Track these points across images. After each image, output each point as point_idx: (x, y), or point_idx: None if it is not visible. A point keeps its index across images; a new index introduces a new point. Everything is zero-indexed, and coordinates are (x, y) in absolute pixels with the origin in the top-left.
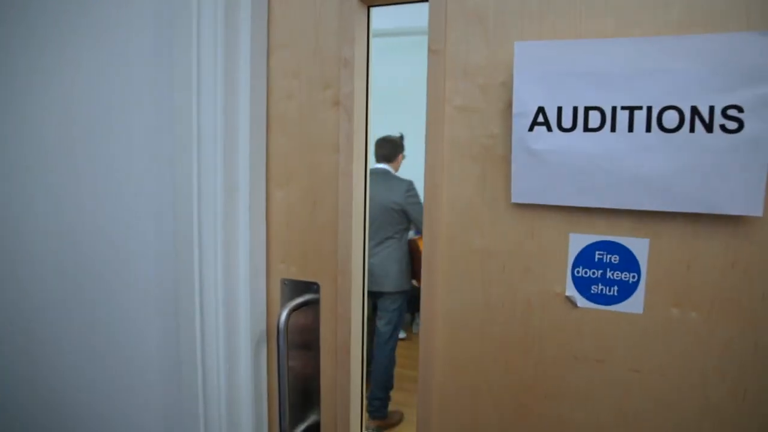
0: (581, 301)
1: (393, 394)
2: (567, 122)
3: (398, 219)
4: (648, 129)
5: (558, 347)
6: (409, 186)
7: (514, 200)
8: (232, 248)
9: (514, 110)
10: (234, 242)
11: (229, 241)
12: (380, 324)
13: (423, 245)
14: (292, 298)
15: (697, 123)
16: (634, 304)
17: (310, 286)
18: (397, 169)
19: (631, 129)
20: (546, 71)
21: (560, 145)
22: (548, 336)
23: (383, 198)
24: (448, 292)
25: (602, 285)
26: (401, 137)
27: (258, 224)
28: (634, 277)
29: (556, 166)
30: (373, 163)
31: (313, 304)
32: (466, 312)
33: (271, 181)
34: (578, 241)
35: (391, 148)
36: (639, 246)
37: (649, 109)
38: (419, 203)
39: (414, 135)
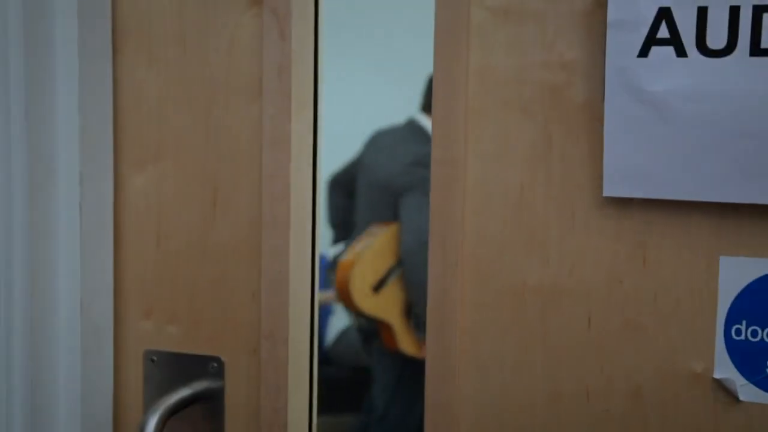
0: (746, 391)
1: None
2: (718, 37)
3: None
4: None
5: None
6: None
7: (607, 193)
8: (38, 289)
9: (610, 15)
10: (43, 277)
11: (34, 276)
12: (375, 393)
13: (429, 277)
14: (168, 390)
15: None
16: None
17: (206, 365)
18: None
19: None
20: None
21: (704, 86)
22: None
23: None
24: (474, 372)
25: None
26: None
27: (94, 240)
28: None
29: (695, 127)
30: (412, 114)
31: (210, 402)
32: (513, 414)
33: (123, 155)
34: (739, 272)
35: None
36: None
37: None
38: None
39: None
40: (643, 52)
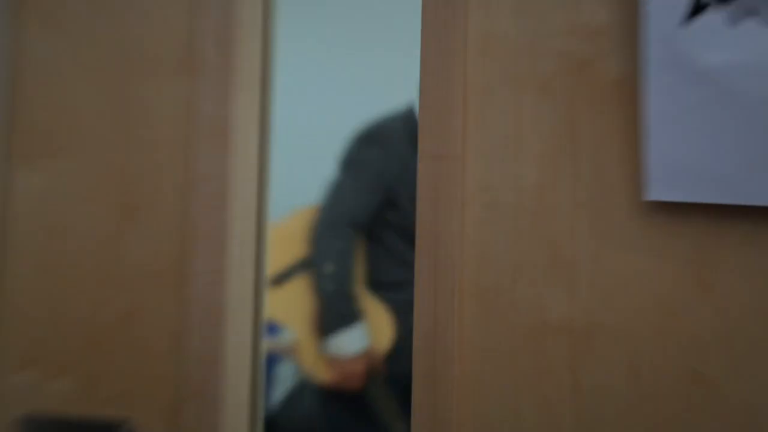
0: None
1: None
2: None
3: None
4: None
5: None
6: None
7: (651, 196)
8: None
9: None
10: None
11: None
12: None
13: (416, 311)
14: None
15: None
16: None
17: None
18: None
19: None
20: None
21: None
22: None
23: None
24: None
25: None
26: None
27: None
28: None
29: (764, 111)
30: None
31: None
32: None
33: (11, 147)
34: None
35: None
36: None
37: None
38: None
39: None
40: (691, 16)
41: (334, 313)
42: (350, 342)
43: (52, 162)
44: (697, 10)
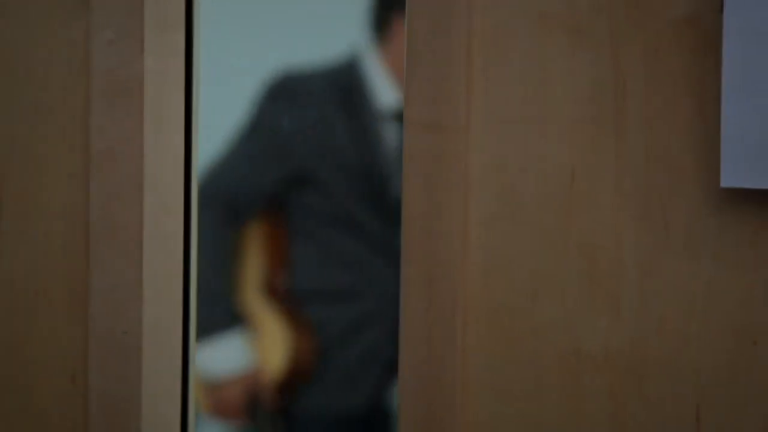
0: None
1: None
2: None
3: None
4: None
5: None
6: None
7: (727, 183)
8: None
9: None
10: None
11: None
12: None
13: (401, 338)
14: None
15: None
16: None
17: None
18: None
19: None
20: None
21: None
22: None
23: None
24: None
25: None
26: None
27: None
28: None
29: None
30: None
31: None
32: None
33: None
34: None
35: None
36: None
37: None
38: None
39: None
40: None
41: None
42: (223, 357)
43: None
44: None
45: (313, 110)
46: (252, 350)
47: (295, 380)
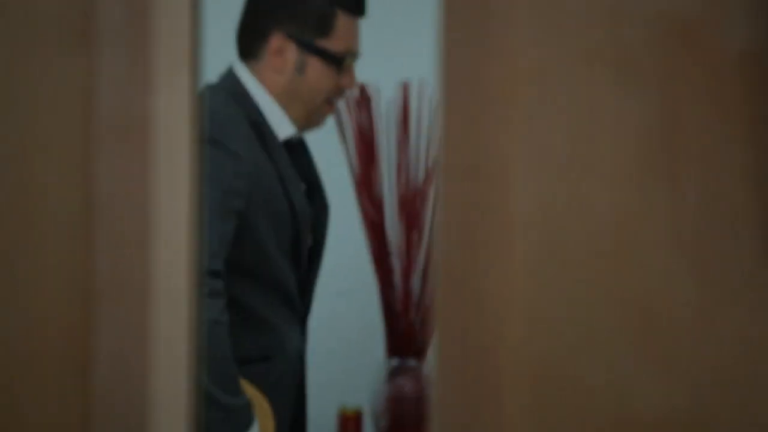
0: None
1: None
2: None
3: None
4: None
5: None
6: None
7: None
8: None
9: None
10: None
11: None
12: None
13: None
14: None
15: None
16: None
17: None
18: (274, 89)
19: None
20: None
21: None
22: None
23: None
24: None
25: None
26: None
27: None
28: None
29: None
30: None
31: None
32: None
33: None
34: None
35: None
36: None
37: None
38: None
39: None
40: None
41: (220, 418)
42: None
43: None
44: None
45: (234, 142)
46: None
47: None
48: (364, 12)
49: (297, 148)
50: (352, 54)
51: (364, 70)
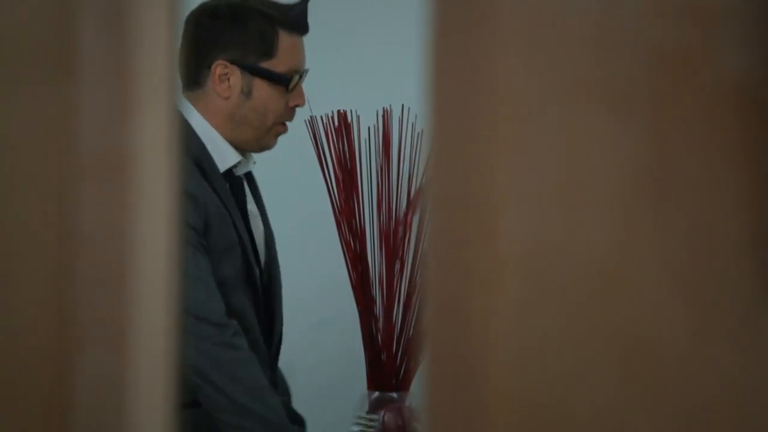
0: None
1: None
2: None
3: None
4: None
5: None
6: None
7: None
8: None
9: None
10: None
11: None
12: None
13: None
14: None
15: None
16: None
17: None
18: (220, 116)
19: None
20: None
21: None
22: None
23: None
24: None
25: None
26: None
27: None
28: None
29: None
30: None
31: None
32: None
33: None
34: None
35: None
36: None
37: None
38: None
39: None
40: None
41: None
42: None
43: None
44: None
45: (201, 190)
46: None
47: None
48: (306, 30)
49: (237, 179)
50: (298, 72)
51: (344, 97)
